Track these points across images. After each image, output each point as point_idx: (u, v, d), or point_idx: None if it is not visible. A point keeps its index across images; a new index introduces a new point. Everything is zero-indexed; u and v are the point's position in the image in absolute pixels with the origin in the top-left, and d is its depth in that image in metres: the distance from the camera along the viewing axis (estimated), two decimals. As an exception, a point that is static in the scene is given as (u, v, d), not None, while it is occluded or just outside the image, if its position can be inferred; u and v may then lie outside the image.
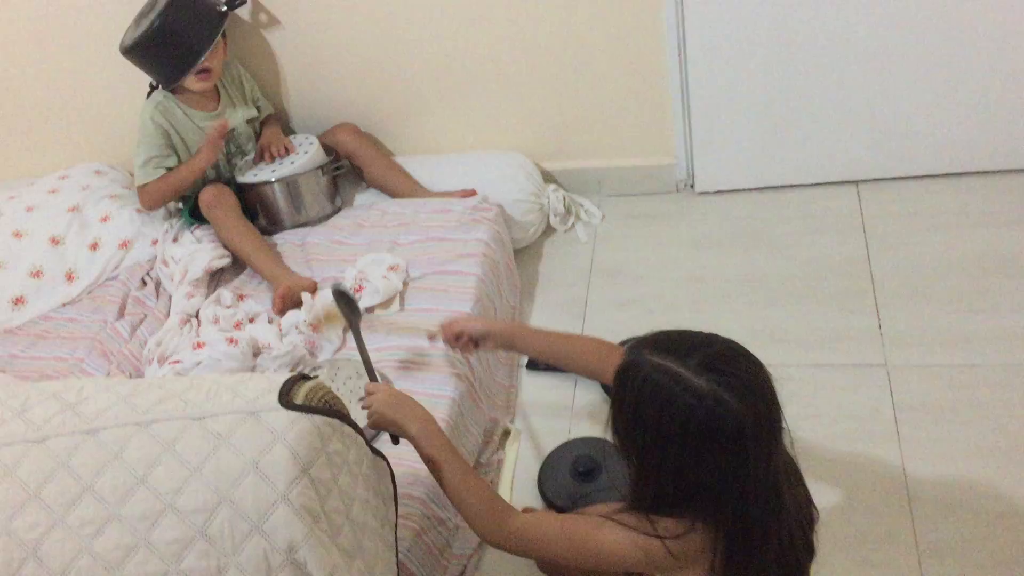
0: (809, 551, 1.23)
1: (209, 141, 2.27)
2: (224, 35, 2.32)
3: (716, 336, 1.18)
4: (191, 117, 2.32)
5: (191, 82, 2.27)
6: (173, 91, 2.32)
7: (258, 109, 2.47)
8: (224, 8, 2.30)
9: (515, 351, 1.79)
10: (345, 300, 1.80)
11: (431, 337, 1.87)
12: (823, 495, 1.75)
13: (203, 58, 2.23)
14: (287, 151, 2.36)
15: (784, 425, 1.16)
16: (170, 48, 2.24)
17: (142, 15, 2.30)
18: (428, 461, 1.37)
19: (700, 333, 1.19)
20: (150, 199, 2.35)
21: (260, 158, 2.39)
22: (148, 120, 2.28)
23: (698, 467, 1.13)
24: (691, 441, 1.11)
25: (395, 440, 1.51)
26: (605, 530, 1.23)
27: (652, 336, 1.20)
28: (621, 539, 1.21)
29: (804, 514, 1.23)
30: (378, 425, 1.42)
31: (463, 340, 1.67)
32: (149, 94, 2.35)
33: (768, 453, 1.12)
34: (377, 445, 1.34)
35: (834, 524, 1.70)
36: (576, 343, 1.62)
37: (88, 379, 1.61)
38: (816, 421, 1.89)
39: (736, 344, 1.18)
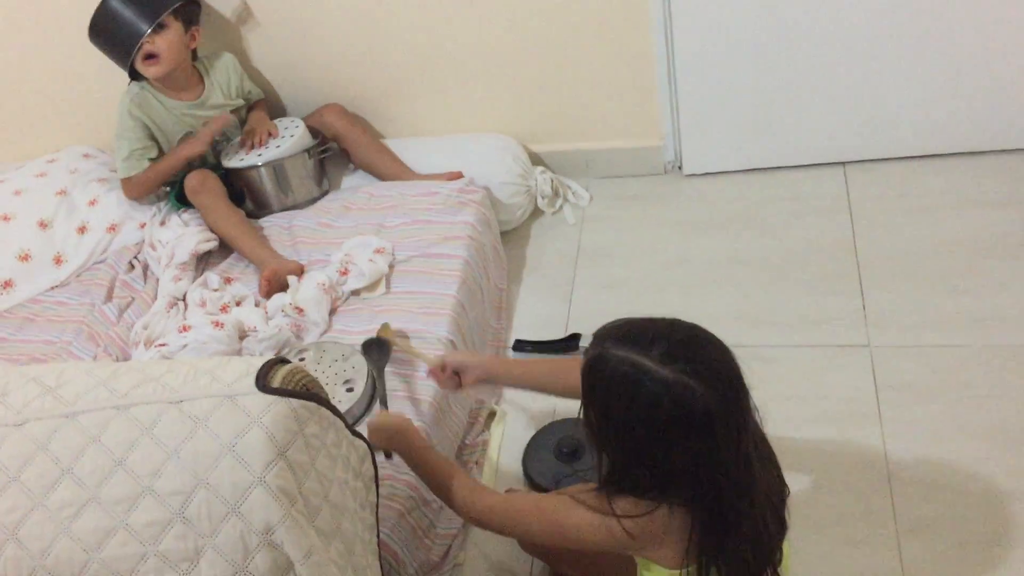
0: (781, 527, 1.25)
1: (204, 133, 2.28)
2: (196, 24, 2.30)
3: (679, 322, 1.18)
4: (168, 107, 2.32)
5: (141, 67, 2.25)
6: (149, 81, 2.30)
7: (246, 101, 2.46)
8: None
9: (496, 383, 1.84)
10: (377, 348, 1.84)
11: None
12: (804, 474, 1.77)
13: (141, 42, 2.19)
14: (270, 136, 2.35)
15: (753, 405, 1.17)
16: (113, 32, 2.23)
17: None
18: (415, 468, 1.49)
19: (662, 320, 1.19)
20: (136, 190, 2.36)
21: (245, 143, 2.38)
22: (126, 114, 2.28)
23: (669, 455, 1.14)
24: (660, 430, 1.13)
25: (387, 455, 1.55)
26: (572, 509, 1.25)
27: (614, 326, 1.20)
28: (585, 518, 1.24)
29: (776, 492, 1.24)
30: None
31: (447, 372, 1.67)
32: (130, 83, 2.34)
33: (737, 437, 1.13)
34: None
35: (814, 503, 1.72)
36: (553, 364, 1.62)
37: (68, 363, 1.62)
38: (799, 401, 1.91)
39: (700, 329, 1.18)
